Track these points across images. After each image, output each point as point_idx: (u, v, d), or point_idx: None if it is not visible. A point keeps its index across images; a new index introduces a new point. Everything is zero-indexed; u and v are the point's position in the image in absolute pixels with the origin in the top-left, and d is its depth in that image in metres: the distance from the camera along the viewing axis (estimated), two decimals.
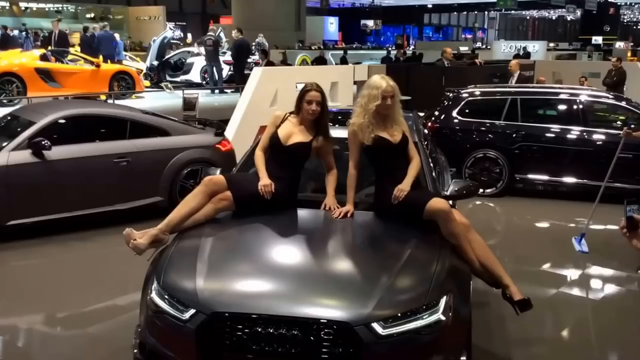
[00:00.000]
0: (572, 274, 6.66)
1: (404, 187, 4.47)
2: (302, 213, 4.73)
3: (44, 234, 7.24)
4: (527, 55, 28.69)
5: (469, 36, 75.31)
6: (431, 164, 5.35)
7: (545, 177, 9.73)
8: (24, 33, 30.83)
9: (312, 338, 3.46)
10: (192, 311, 3.60)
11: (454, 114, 10.14)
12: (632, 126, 7.52)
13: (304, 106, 4.79)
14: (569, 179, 9.54)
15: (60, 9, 42.14)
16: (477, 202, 9.42)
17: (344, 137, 4.89)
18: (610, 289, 6.49)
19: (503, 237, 8.32)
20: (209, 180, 4.60)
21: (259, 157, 4.81)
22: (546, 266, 6.99)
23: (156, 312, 3.77)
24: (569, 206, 9.37)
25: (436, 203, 4.34)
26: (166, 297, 3.76)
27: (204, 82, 21.14)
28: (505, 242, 7.93)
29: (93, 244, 7.24)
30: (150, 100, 17.50)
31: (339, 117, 5.70)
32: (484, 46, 48.39)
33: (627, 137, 7.64)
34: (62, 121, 7.63)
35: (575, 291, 6.40)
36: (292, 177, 4.79)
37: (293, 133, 4.81)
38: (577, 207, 9.18)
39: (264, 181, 4.62)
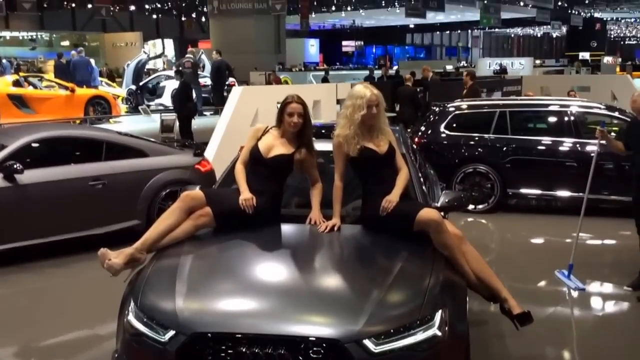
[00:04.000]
0: (571, 290, 6.47)
1: (392, 198, 4.32)
2: (286, 228, 4.57)
3: (17, 262, 6.97)
4: (503, 70, 29.21)
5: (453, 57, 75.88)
6: (421, 178, 5.21)
7: (538, 192, 9.49)
8: (4, 61, 30.47)
9: (300, 357, 3.29)
10: (172, 333, 3.42)
11: (442, 128, 9.93)
12: (605, 126, 7.19)
13: (285, 119, 4.64)
14: (564, 193, 9.30)
15: (34, 37, 41.93)
16: (469, 219, 9.19)
17: (329, 150, 4.74)
18: (611, 304, 6.35)
19: (497, 254, 8.06)
20: (187, 195, 4.44)
21: (240, 171, 4.65)
22: (543, 283, 6.79)
23: (134, 334, 3.59)
24: (564, 221, 9.04)
25: (427, 213, 4.18)
26: (144, 318, 3.58)
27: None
28: (500, 259, 7.70)
29: (69, 271, 6.98)
30: (128, 125, 17.30)
31: (323, 131, 5.55)
32: (467, 64, 48.76)
33: (603, 137, 6.91)
34: (35, 144, 7.40)
35: (575, 308, 6.24)
36: (274, 191, 4.61)
37: (274, 146, 4.66)
38: (572, 222, 8.94)
39: (245, 195, 4.44)
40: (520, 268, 7.26)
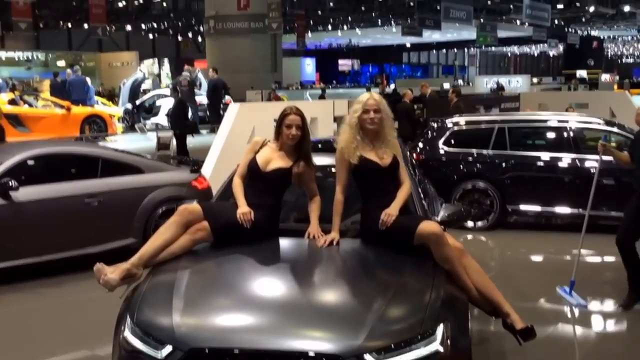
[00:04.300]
0: (572, 307, 6.38)
1: (391, 212, 4.25)
2: (285, 242, 4.50)
3: (11, 281, 6.85)
4: (501, 88, 29.40)
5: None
6: (421, 193, 5.13)
7: (538, 208, 9.35)
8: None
9: None
10: (169, 348, 3.34)
11: (440, 144, 9.85)
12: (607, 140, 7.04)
13: (283, 131, 4.58)
14: (564, 209, 9.16)
15: (30, 57, 41.84)
16: (469, 237, 9.06)
17: (327, 165, 4.70)
18: (612, 322, 6.27)
19: (497, 271, 7.93)
20: (184, 209, 4.35)
21: (237, 185, 4.58)
22: (544, 300, 6.72)
23: (130, 351, 3.51)
24: (563, 238, 8.99)
25: (427, 226, 4.11)
26: (141, 334, 3.50)
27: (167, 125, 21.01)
28: (500, 276, 7.56)
29: (64, 290, 6.86)
30: (124, 143, 17.27)
31: (319, 146, 5.50)
32: (464, 83, 48.92)
33: (605, 151, 6.74)
34: (31, 161, 7.31)
35: (577, 324, 6.15)
36: (273, 205, 4.54)
37: (272, 159, 4.59)
38: (572, 238, 8.86)
39: (243, 209, 4.36)
40: (521, 285, 7.15)
